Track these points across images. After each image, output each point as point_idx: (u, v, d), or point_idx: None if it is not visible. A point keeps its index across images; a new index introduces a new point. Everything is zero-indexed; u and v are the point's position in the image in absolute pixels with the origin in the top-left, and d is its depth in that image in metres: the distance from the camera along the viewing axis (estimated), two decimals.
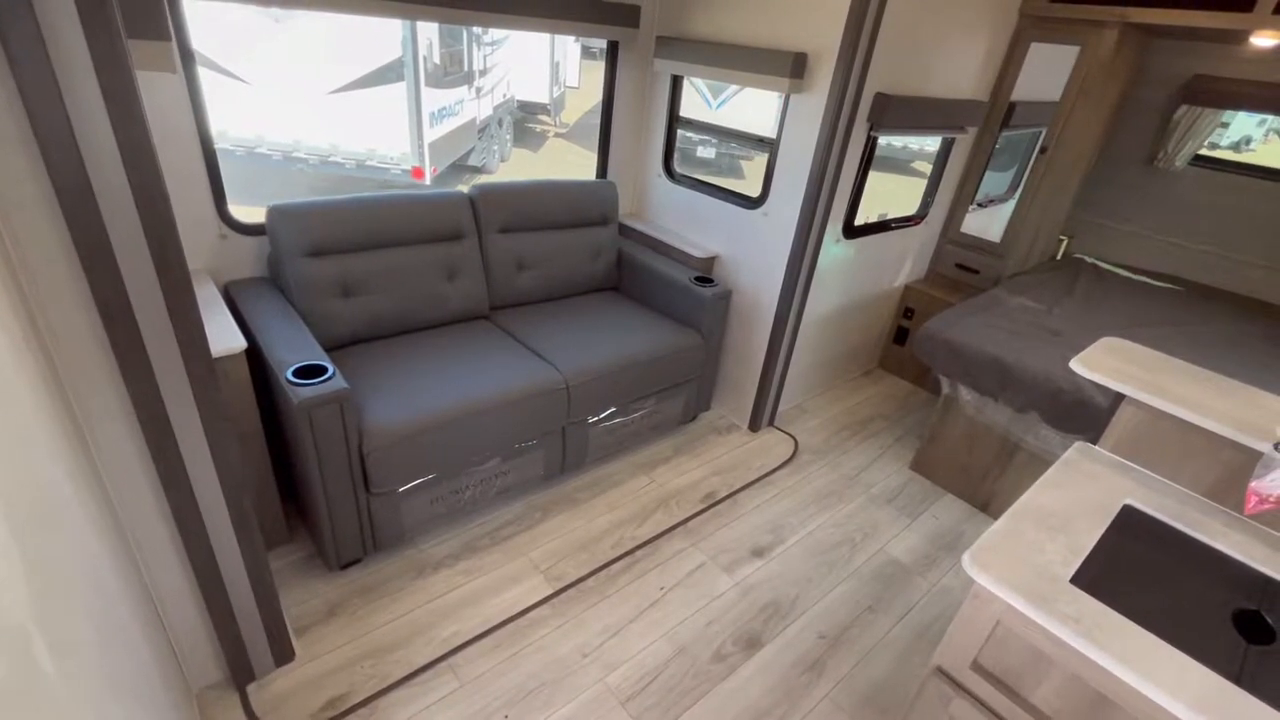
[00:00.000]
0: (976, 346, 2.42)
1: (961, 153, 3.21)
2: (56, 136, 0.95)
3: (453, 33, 6.42)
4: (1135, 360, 1.44)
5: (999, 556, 1.04)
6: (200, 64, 5.37)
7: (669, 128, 2.91)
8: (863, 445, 2.96)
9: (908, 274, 3.44)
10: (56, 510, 0.80)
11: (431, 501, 2.02)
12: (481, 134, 7.79)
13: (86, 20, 0.91)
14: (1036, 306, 2.85)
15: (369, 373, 2.00)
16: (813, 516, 2.47)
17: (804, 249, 2.52)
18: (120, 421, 1.20)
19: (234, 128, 5.79)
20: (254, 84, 5.57)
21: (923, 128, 2.77)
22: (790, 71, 2.25)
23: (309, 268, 2.04)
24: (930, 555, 2.35)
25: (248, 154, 5.93)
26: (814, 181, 2.38)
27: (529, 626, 1.89)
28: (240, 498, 1.40)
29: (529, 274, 2.61)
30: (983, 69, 2.94)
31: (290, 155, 6.00)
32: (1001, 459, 2.52)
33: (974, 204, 3.40)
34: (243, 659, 1.60)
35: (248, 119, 5.73)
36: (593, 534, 2.25)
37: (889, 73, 2.41)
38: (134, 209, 1.05)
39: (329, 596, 1.90)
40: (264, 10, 5.28)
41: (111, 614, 0.96)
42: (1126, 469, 1.32)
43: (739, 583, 2.13)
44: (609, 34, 2.65)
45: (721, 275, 2.85)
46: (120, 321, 1.11)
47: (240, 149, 5.91)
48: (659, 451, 2.71)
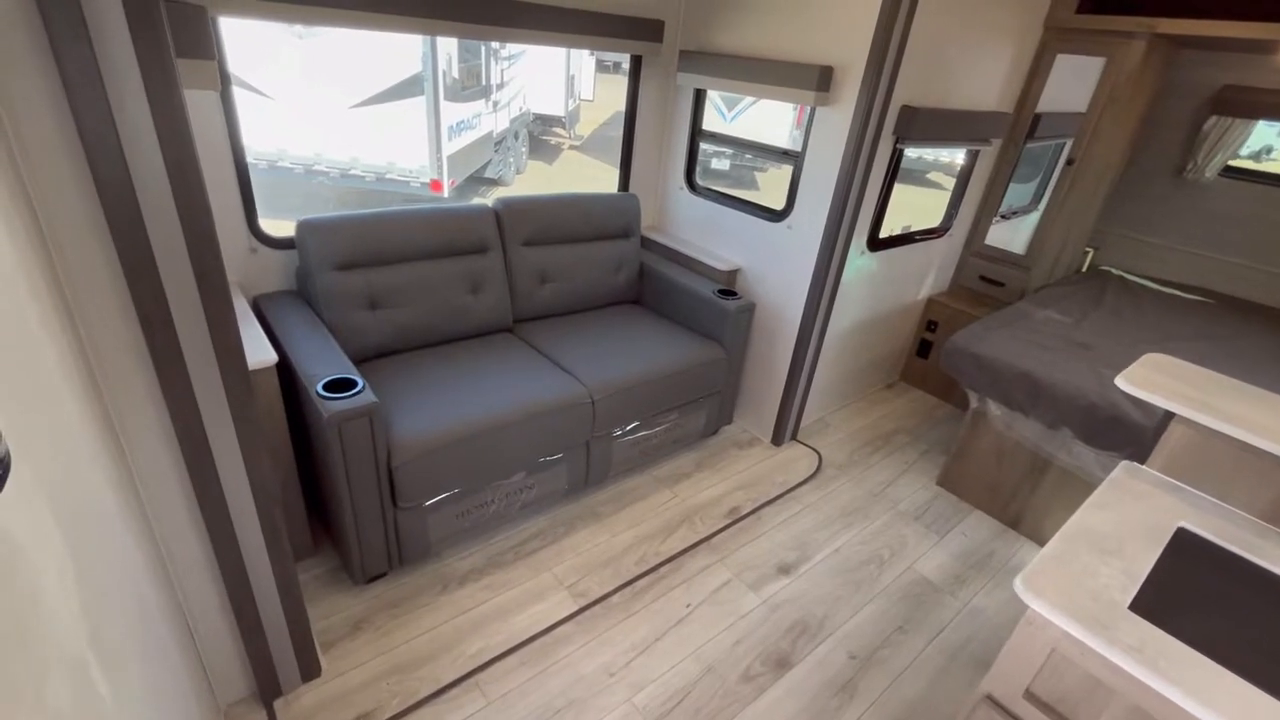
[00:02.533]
0: (1006, 360, 2.39)
1: (986, 164, 3.18)
2: (106, 154, 0.95)
3: (471, 48, 6.50)
4: (1183, 377, 1.41)
5: (1052, 581, 1.01)
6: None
7: (691, 141, 2.92)
8: (887, 460, 2.92)
9: (931, 286, 3.40)
10: (101, 521, 0.79)
11: (457, 515, 2.00)
12: (498, 147, 7.86)
13: (139, 41, 0.92)
14: (1064, 320, 2.80)
15: (395, 386, 2.00)
16: (838, 533, 2.43)
17: (829, 262, 2.50)
18: (157, 434, 1.20)
19: (257, 142, 5.88)
20: (277, 98, 5.66)
21: (948, 140, 2.75)
22: (817, 84, 2.25)
23: (337, 281, 2.05)
24: (960, 574, 2.31)
25: (270, 167, 6.02)
26: (840, 194, 2.36)
27: (555, 644, 1.87)
28: (272, 511, 1.40)
29: (552, 287, 2.61)
30: (1008, 81, 2.92)
31: (311, 169, 6.08)
32: (1032, 476, 2.47)
33: (998, 216, 3.36)
34: (270, 675, 1.59)
35: (270, 133, 5.82)
36: (616, 549, 2.22)
37: (915, 85, 2.40)
38: (178, 224, 1.05)
39: (355, 611, 1.89)
40: (288, 27, 5.38)
41: (151, 628, 0.95)
42: (1177, 490, 1.29)
43: (766, 600, 2.10)
44: (633, 49, 2.67)
45: (744, 288, 2.84)
46: (160, 334, 1.11)
47: (263, 162, 5.99)
48: (681, 466, 2.69)
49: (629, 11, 2.57)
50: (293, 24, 5.20)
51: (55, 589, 0.59)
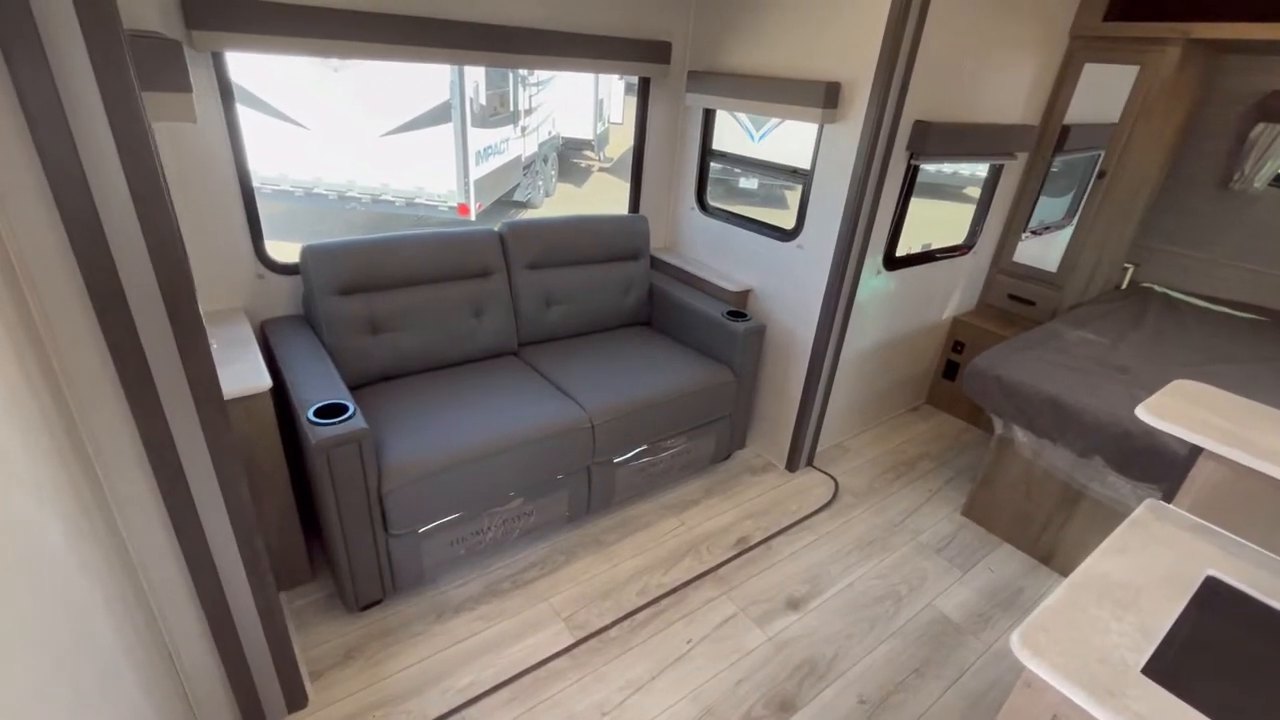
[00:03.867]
0: (1031, 384, 2.25)
1: (1012, 179, 3.06)
2: (70, 187, 0.96)
3: (498, 75, 6.65)
4: (1214, 406, 1.28)
5: (1055, 637, 0.91)
6: (264, 111, 5.65)
7: (701, 161, 2.88)
8: (909, 488, 2.78)
9: (956, 306, 3.27)
10: (36, 558, 0.78)
11: (452, 542, 1.97)
12: (527, 170, 7.99)
13: (101, 75, 0.93)
14: (1099, 340, 2.64)
15: (393, 410, 1.99)
16: (854, 566, 2.31)
17: (841, 281, 2.41)
18: (132, 463, 1.20)
19: (294, 170, 6.11)
20: (312, 129, 5.89)
21: (968, 155, 2.64)
22: (823, 101, 2.19)
23: (339, 305, 2.07)
24: (984, 613, 2.16)
25: (305, 194, 6.23)
26: (850, 212, 2.29)
27: (548, 678, 1.80)
28: (252, 539, 1.39)
29: (558, 310, 2.59)
30: (1032, 92, 2.80)
31: (344, 195, 6.27)
32: (1064, 507, 2.31)
33: (1027, 232, 3.22)
34: (255, 705, 1.57)
35: (306, 162, 6.04)
36: (618, 580, 2.16)
37: (929, 99, 2.32)
38: (146, 255, 1.06)
39: (348, 639, 1.87)
40: (324, 61, 5.60)
41: (101, 663, 0.94)
42: (1207, 532, 1.16)
43: (772, 637, 2.00)
44: (641, 71, 2.66)
45: (756, 309, 2.77)
46: (131, 364, 1.11)
47: (299, 190, 6.21)
48: (689, 492, 2.61)
49: (636, 34, 2.57)
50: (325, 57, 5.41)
51: None
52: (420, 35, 2.03)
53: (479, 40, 2.15)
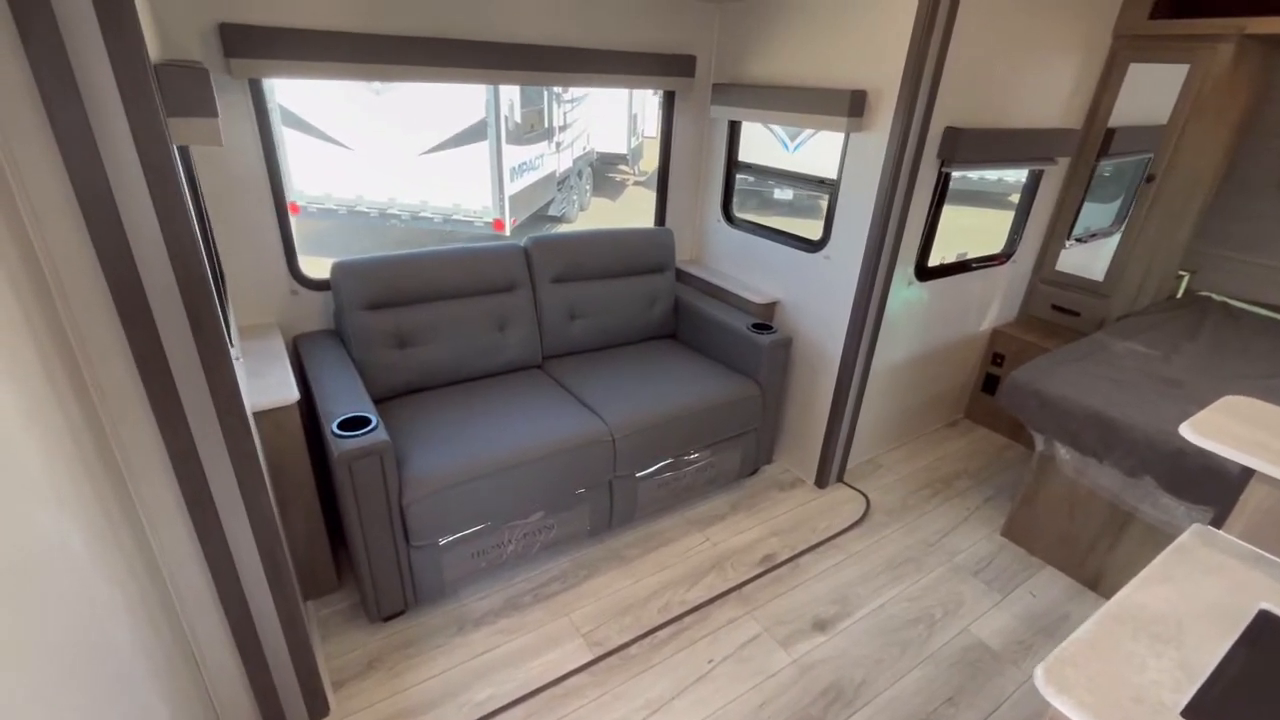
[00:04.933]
0: (1074, 399, 2.14)
1: (1053, 185, 2.94)
2: (99, 204, 1.01)
3: (534, 93, 6.79)
4: (1269, 424, 1.19)
5: (1085, 673, 0.85)
6: (310, 133, 5.88)
7: (727, 173, 2.86)
8: (945, 506, 2.67)
9: (995, 317, 3.15)
10: (50, 566, 0.81)
11: (473, 555, 1.98)
12: (561, 185, 8.11)
13: (128, 102, 0.97)
14: (1150, 353, 2.50)
15: (416, 423, 2.02)
16: (885, 587, 2.23)
17: (870, 293, 2.35)
18: (160, 474, 1.24)
19: (338, 190, 6.35)
20: (355, 149, 6.11)
21: (1004, 161, 2.55)
22: (849, 110, 2.15)
23: (367, 320, 2.12)
24: (1025, 640, 2.05)
25: (349, 212, 6.46)
26: (878, 222, 2.23)
27: (565, 696, 1.79)
28: (274, 549, 1.42)
29: (582, 323, 2.60)
30: (1073, 95, 2.70)
31: (385, 212, 6.48)
32: (1111, 529, 2.19)
33: (1071, 239, 3.09)
34: (277, 712, 1.59)
35: (349, 181, 6.27)
36: (639, 596, 2.13)
37: (961, 105, 2.26)
38: (170, 271, 1.10)
39: (370, 649, 1.89)
40: (366, 84, 5.82)
41: (116, 668, 0.96)
42: (1262, 562, 1.07)
43: (797, 660, 1.93)
44: (666, 85, 2.66)
45: (783, 321, 2.72)
46: (157, 377, 1.15)
47: (343, 208, 6.45)
48: (714, 508, 2.56)
49: (661, 49, 2.58)
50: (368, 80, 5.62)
51: None
52: (448, 56, 2.08)
53: (505, 60, 2.19)
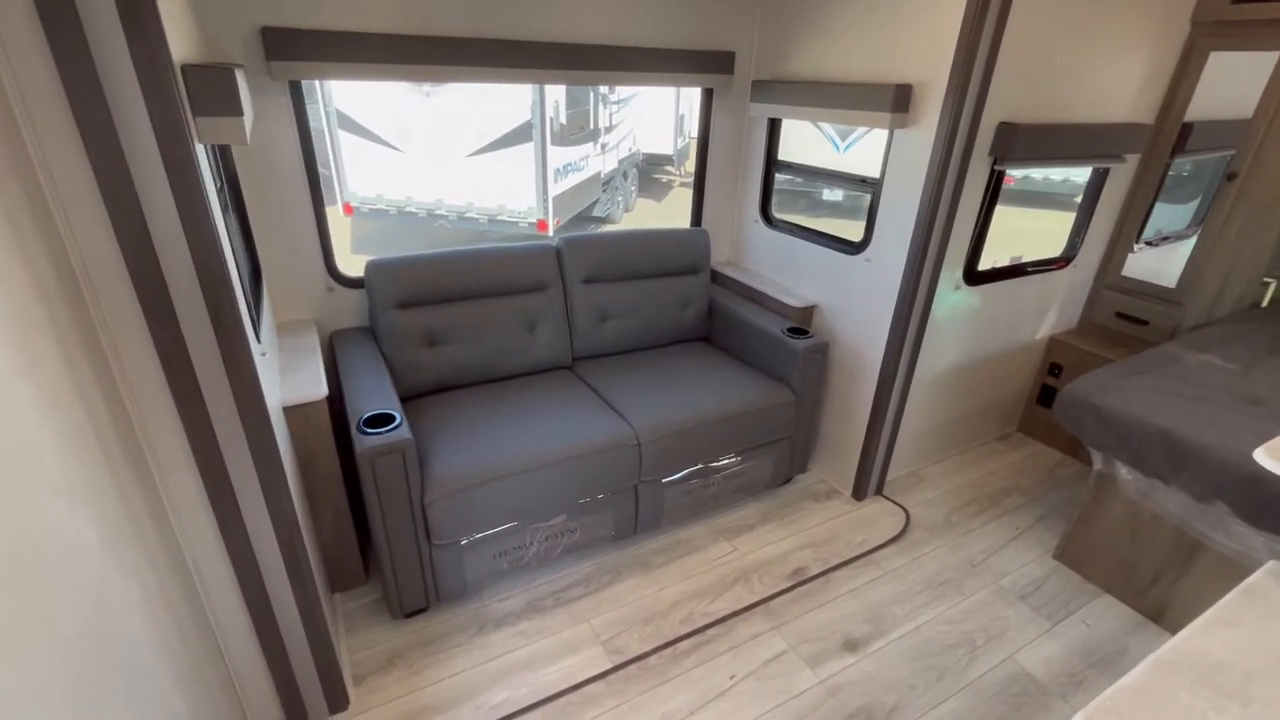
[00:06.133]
0: (1138, 415, 1.98)
1: (1120, 184, 2.74)
2: (122, 200, 1.03)
3: (581, 94, 6.82)
4: None
5: None
6: (363, 136, 6.06)
7: (766, 172, 2.78)
8: (993, 524, 2.52)
9: (1053, 325, 2.96)
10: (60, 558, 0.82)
11: (495, 556, 1.97)
12: (606, 186, 8.13)
13: (150, 101, 0.99)
14: (1227, 366, 2.30)
15: (443, 422, 2.03)
16: (922, 608, 2.11)
17: (913, 297, 2.24)
18: (185, 468, 1.27)
19: (388, 190, 6.53)
20: (405, 151, 6.27)
21: (1065, 158, 2.39)
22: (893, 105, 2.05)
23: (398, 318, 2.14)
24: (1076, 673, 1.90)
25: (398, 213, 6.64)
26: (923, 223, 2.12)
27: (581, 704, 1.75)
28: (294, 543, 1.43)
29: (614, 324, 2.57)
30: (1145, 87, 2.50)
31: (433, 213, 6.62)
32: (1178, 558, 2.01)
33: (1140, 243, 2.87)
34: (297, 703, 1.62)
35: (399, 182, 6.45)
36: (662, 605, 2.08)
37: (1016, 99, 2.12)
38: (192, 267, 1.12)
39: (391, 645, 1.91)
40: (416, 87, 5.97)
41: (129, 659, 0.98)
42: None
43: (824, 680, 1.85)
44: (705, 82, 2.61)
45: (821, 326, 2.62)
46: (180, 372, 1.18)
47: (393, 209, 6.63)
48: (744, 517, 2.49)
49: (700, 45, 2.53)
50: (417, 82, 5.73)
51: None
52: (485, 56, 2.08)
53: (543, 59, 2.18)
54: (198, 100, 1.15)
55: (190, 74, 1.14)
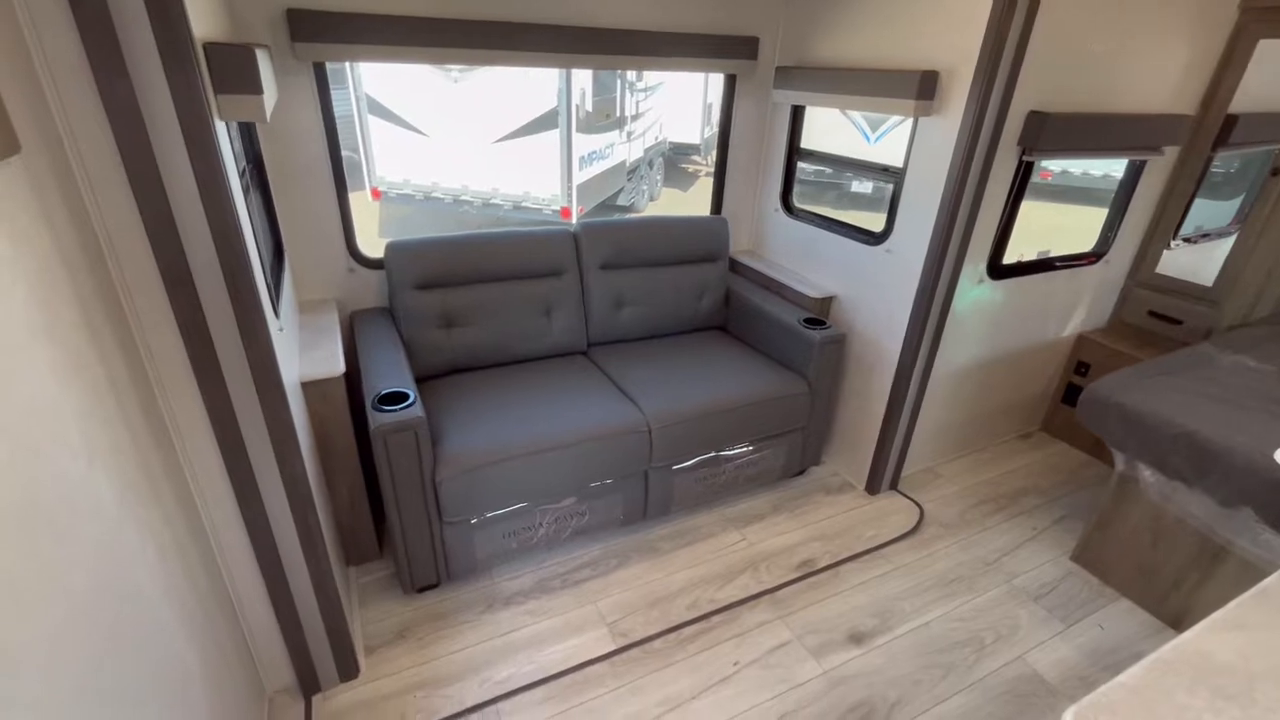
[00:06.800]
0: (1163, 415, 1.92)
1: (1158, 177, 2.65)
2: (145, 177, 1.07)
3: (605, 82, 6.79)
4: None
5: None
6: (391, 120, 6.09)
7: (788, 161, 2.75)
8: (1009, 523, 2.48)
9: (1081, 322, 2.88)
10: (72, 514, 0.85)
11: (504, 535, 2.00)
12: (631, 175, 8.10)
13: (172, 79, 1.02)
14: (1262, 369, 2.21)
15: (456, 403, 2.06)
16: (932, 604, 2.09)
17: (933, 290, 2.20)
18: (203, 434, 1.31)
19: (415, 175, 6.59)
20: (432, 136, 6.32)
21: (1098, 150, 2.32)
22: (918, 93, 2.00)
23: (416, 299, 2.17)
24: (1087, 676, 1.87)
25: (425, 198, 6.70)
26: (945, 214, 2.08)
27: (584, 683, 1.78)
28: (307, 514, 1.47)
29: (630, 311, 2.57)
30: (1187, 76, 2.41)
31: (459, 198, 6.67)
32: (1201, 563, 1.96)
33: (1177, 239, 2.78)
34: (309, 669, 1.67)
35: (426, 167, 6.50)
36: (669, 590, 2.09)
37: (1047, 87, 2.06)
38: (210, 240, 1.15)
39: (403, 618, 1.95)
40: (444, 72, 6.00)
41: (138, 612, 1.02)
42: None
43: (828, 672, 1.84)
44: (728, 68, 2.58)
45: (839, 317, 2.59)
46: (198, 342, 1.21)
47: (419, 194, 6.70)
48: (755, 507, 2.48)
49: (723, 30, 2.50)
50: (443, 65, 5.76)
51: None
52: (505, 39, 2.08)
53: (561, 43, 2.18)
54: (219, 77, 1.18)
55: (212, 51, 1.16)
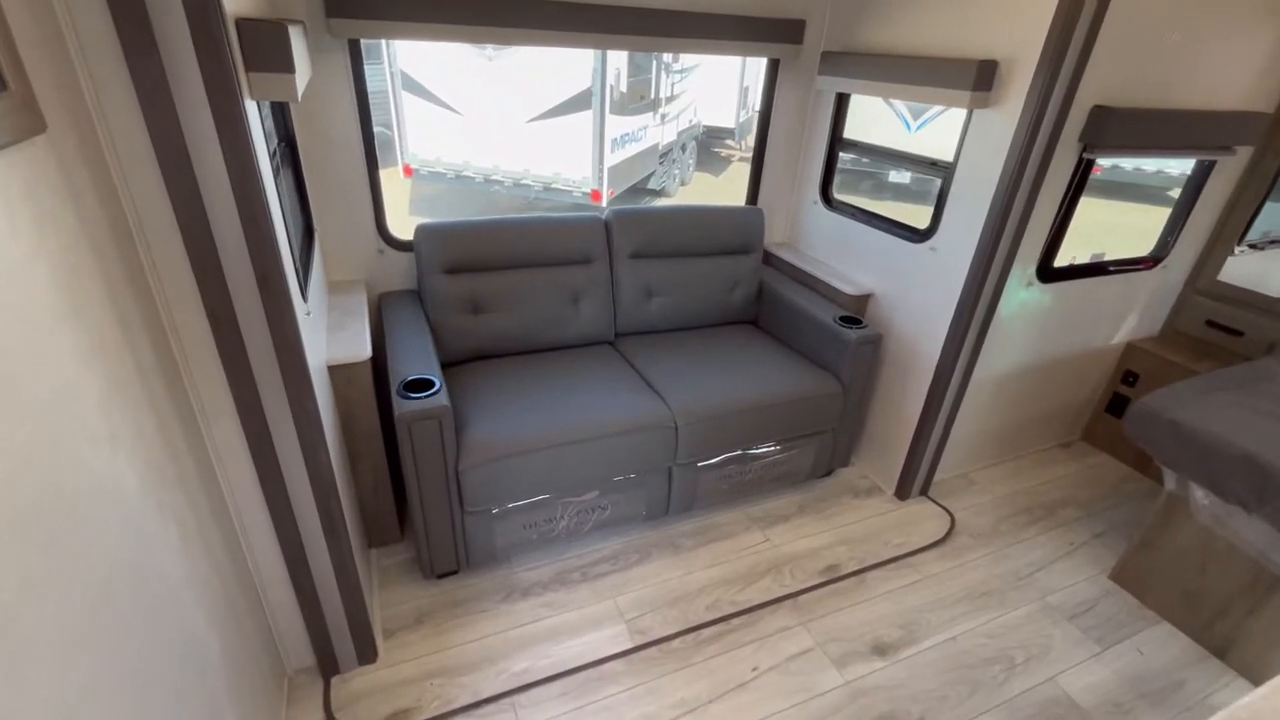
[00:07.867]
0: (1221, 435, 1.81)
1: (1226, 179, 2.49)
2: (175, 159, 1.04)
3: (641, 63, 6.66)
4: None
5: None
6: (426, 98, 6.05)
7: (830, 151, 2.64)
8: (1045, 536, 2.39)
9: (1132, 329, 2.74)
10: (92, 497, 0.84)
11: (525, 526, 1.99)
12: (663, 159, 7.98)
13: (202, 54, 0.99)
14: None
15: (481, 391, 2.04)
16: (961, 617, 2.02)
17: (979, 292, 2.10)
18: (229, 417, 1.30)
19: (447, 154, 6.57)
20: (466, 115, 6.28)
21: (1165, 148, 2.18)
22: (974, 83, 1.89)
23: (444, 284, 2.15)
24: (1124, 703, 1.79)
25: (456, 176, 6.68)
26: (997, 212, 1.97)
27: (600, 680, 1.76)
28: (329, 498, 1.46)
29: (659, 301, 2.52)
30: (1266, 71, 2.24)
31: (490, 177, 6.64)
32: (1254, 592, 1.85)
33: (1243, 244, 2.62)
34: (328, 651, 1.68)
35: (458, 146, 6.47)
36: (689, 589, 2.06)
37: (1114, 80, 1.93)
38: (239, 224, 1.12)
39: (422, 603, 1.95)
40: (480, 50, 5.94)
41: (158, 594, 1.01)
42: None
43: (850, 682, 1.80)
44: (772, 52, 2.48)
45: (876, 316, 2.50)
46: (225, 327, 1.20)
47: (451, 172, 6.68)
48: (780, 507, 2.43)
49: (768, 12, 2.39)
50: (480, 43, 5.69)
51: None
52: (545, 19, 2.02)
53: (607, 23, 2.11)
54: (250, 55, 1.14)
55: (244, 27, 1.13)
